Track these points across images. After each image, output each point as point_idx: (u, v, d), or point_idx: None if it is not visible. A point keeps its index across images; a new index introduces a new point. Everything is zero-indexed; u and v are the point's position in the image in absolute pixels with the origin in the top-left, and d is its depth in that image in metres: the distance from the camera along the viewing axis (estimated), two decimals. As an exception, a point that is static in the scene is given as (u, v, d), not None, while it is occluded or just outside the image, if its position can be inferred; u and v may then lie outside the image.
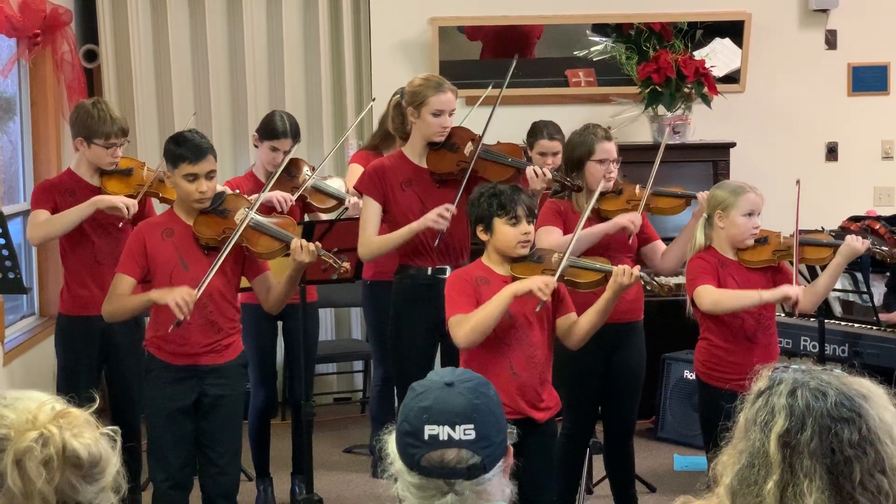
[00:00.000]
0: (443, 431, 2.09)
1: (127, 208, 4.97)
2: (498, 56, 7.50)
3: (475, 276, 4.30)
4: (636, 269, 4.29)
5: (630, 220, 4.98)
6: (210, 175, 4.48)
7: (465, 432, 2.10)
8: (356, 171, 5.83)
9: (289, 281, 4.54)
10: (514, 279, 4.28)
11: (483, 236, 4.32)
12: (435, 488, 2.11)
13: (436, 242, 4.91)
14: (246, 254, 4.56)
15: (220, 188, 4.72)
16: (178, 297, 4.30)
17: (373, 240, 5.03)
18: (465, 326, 4.16)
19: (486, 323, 4.15)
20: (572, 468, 5.16)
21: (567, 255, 4.36)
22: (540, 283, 4.15)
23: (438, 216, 4.87)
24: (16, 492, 1.88)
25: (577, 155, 5.04)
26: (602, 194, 5.04)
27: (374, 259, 5.29)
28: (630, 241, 5.02)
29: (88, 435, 1.93)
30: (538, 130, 6.05)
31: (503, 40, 7.53)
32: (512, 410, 4.05)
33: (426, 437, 2.10)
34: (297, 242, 4.43)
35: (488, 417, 2.13)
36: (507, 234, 4.26)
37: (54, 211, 5.12)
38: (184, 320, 4.32)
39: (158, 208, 5.34)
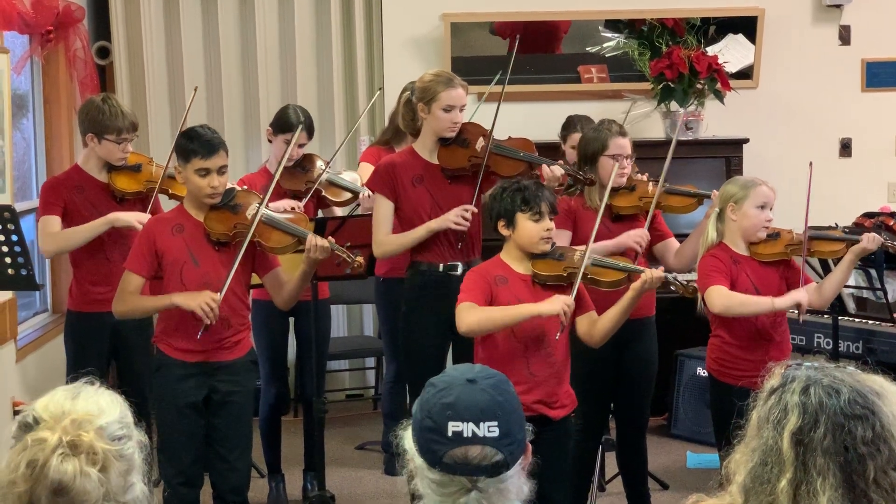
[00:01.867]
0: (467, 428, 2.08)
1: (141, 224, 4.96)
2: (527, 52, 7.51)
3: (494, 274, 4.28)
4: (661, 271, 4.29)
5: (636, 240, 4.95)
6: (222, 170, 4.47)
7: (489, 429, 2.08)
8: (367, 169, 5.82)
9: (302, 277, 4.54)
10: (535, 276, 4.28)
11: (505, 231, 4.29)
12: (458, 485, 2.10)
13: (459, 245, 4.89)
14: (258, 249, 4.56)
15: (230, 185, 4.72)
16: (203, 303, 4.31)
17: (388, 239, 5.02)
18: (474, 316, 4.15)
19: (495, 325, 4.16)
20: (585, 465, 5.15)
21: (588, 253, 4.35)
22: (564, 307, 4.14)
23: (460, 217, 4.86)
24: (10, 474, 1.92)
25: (590, 150, 5.03)
26: (615, 190, 5.03)
27: (388, 258, 5.28)
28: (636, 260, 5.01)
29: (75, 466, 1.95)
30: (572, 124, 6.09)
31: (531, 36, 7.53)
32: (527, 409, 4.01)
33: (450, 434, 2.09)
34: (311, 239, 4.42)
35: (511, 415, 2.12)
36: (530, 229, 4.24)
37: (64, 210, 5.13)
38: (210, 324, 4.33)
39: (166, 204, 5.34)
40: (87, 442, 1.97)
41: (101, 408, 2.04)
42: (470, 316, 4.16)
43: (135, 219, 4.99)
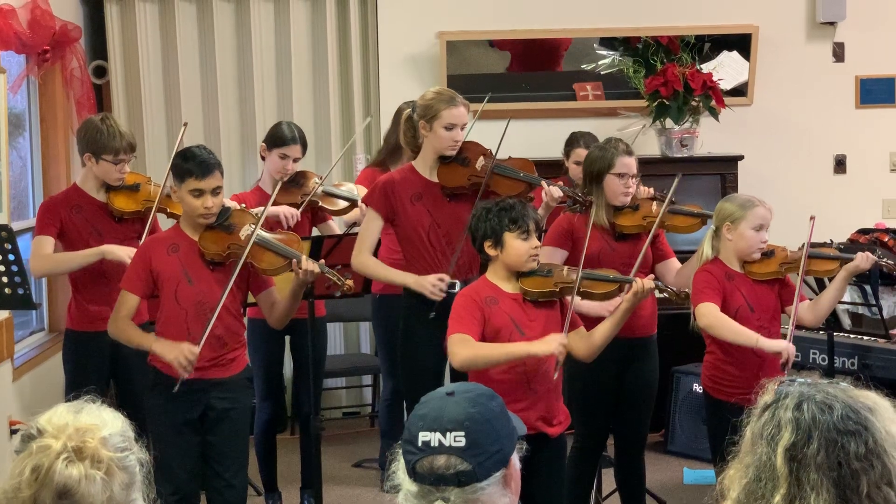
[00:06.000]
0: (434, 438, 2.12)
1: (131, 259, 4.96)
2: (526, 69, 7.55)
3: (484, 295, 4.27)
4: (651, 279, 4.31)
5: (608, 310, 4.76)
6: (216, 191, 4.49)
7: (455, 439, 2.11)
8: (363, 192, 5.85)
9: (292, 296, 4.55)
10: (525, 293, 4.28)
11: (492, 252, 4.28)
12: (428, 496, 2.12)
13: (431, 315, 4.87)
14: (251, 270, 4.57)
15: (227, 203, 4.73)
16: (182, 357, 4.34)
17: (367, 261, 5.03)
18: (468, 352, 4.13)
19: (488, 361, 4.16)
20: (583, 483, 5.15)
21: (580, 268, 4.37)
22: (559, 347, 4.14)
23: (435, 288, 4.85)
24: (13, 479, 1.95)
25: (596, 168, 5.04)
26: (619, 209, 5.04)
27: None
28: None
29: (80, 470, 1.97)
30: (575, 140, 6.18)
31: (531, 52, 7.57)
32: (527, 427, 4.00)
33: (419, 444, 2.12)
34: (299, 262, 4.43)
35: (483, 426, 2.13)
36: (518, 248, 4.24)
37: (62, 230, 5.14)
38: (186, 378, 4.37)
39: (164, 223, 5.35)
40: (91, 447, 1.99)
41: (104, 420, 2.06)
42: (463, 351, 4.14)
43: (126, 254, 4.97)
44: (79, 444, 1.99)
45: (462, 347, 4.14)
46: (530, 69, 7.62)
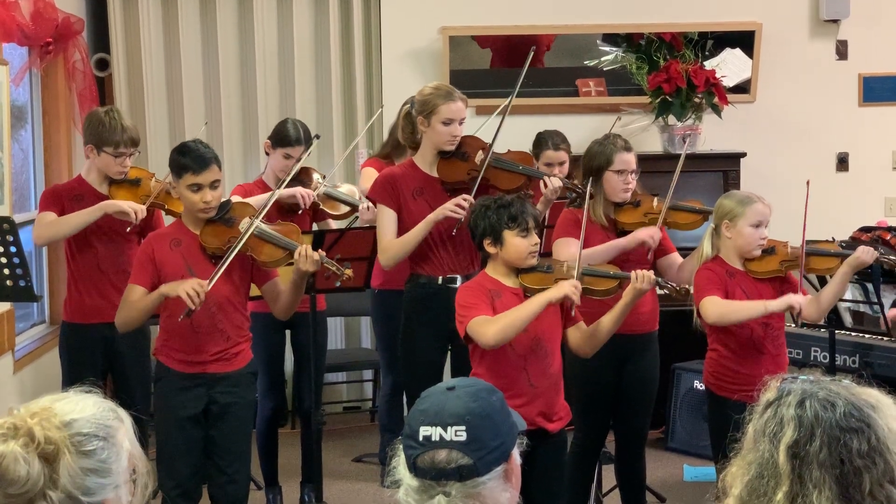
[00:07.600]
0: (435, 432, 2.12)
1: (135, 213, 4.97)
2: (508, 65, 7.53)
3: (487, 288, 4.28)
4: (651, 274, 4.31)
5: (649, 234, 4.96)
6: (214, 185, 4.48)
7: (456, 433, 2.12)
8: (370, 174, 5.80)
9: (293, 287, 4.54)
10: (525, 289, 4.28)
11: (492, 249, 4.28)
12: (429, 490, 2.12)
13: (454, 231, 4.88)
14: (252, 263, 4.57)
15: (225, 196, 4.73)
16: (189, 288, 4.30)
17: (392, 243, 5.00)
18: (496, 326, 4.11)
19: (517, 325, 4.11)
20: (583, 479, 5.15)
21: (579, 263, 4.37)
22: (571, 288, 4.16)
23: (456, 206, 4.86)
24: None
25: (595, 164, 5.03)
26: (620, 206, 5.04)
27: (396, 264, 5.20)
28: (649, 257, 5.01)
29: (9, 447, 1.95)
30: (543, 141, 6.08)
31: (513, 49, 7.56)
32: (527, 422, 4.00)
33: (420, 438, 2.13)
34: (300, 250, 4.43)
35: (484, 421, 2.14)
36: (518, 245, 4.24)
37: (61, 215, 5.13)
38: (194, 310, 4.32)
39: (166, 220, 5.34)
40: (27, 426, 1.95)
41: (80, 407, 2.02)
42: (491, 327, 4.12)
43: (128, 206, 4.97)
44: (17, 422, 1.97)
45: (488, 326, 4.12)
46: (512, 66, 7.59)
